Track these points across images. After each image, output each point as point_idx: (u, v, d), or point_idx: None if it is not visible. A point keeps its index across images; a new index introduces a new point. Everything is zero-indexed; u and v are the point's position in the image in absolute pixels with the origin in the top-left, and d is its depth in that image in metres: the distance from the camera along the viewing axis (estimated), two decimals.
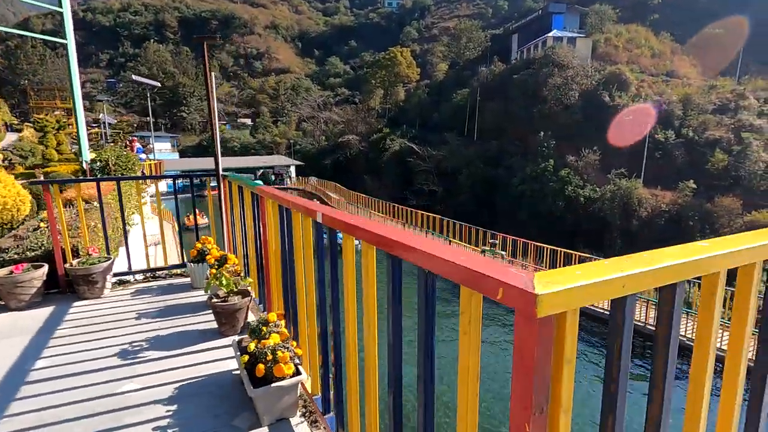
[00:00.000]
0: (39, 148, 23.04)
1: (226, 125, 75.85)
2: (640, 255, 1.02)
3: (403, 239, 1.33)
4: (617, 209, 33.74)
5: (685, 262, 1.00)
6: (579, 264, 0.98)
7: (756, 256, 1.16)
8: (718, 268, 1.10)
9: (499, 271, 0.92)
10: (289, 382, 2.06)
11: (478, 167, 43.41)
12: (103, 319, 3.38)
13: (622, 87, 39.52)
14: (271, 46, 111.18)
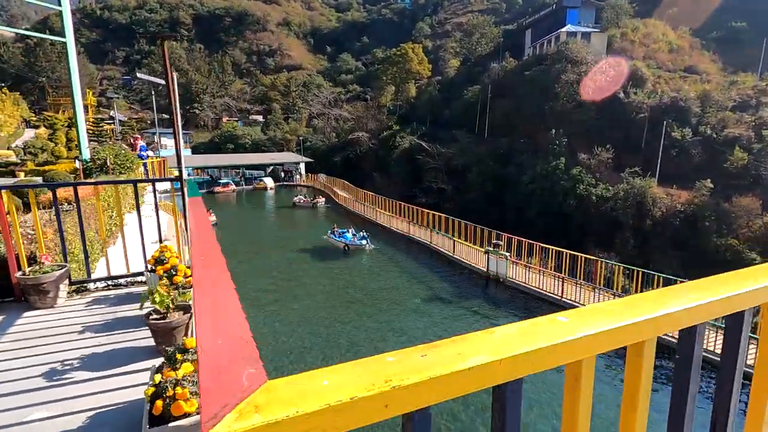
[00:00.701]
0: (50, 146, 23.43)
1: (238, 122, 76.36)
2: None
3: None
4: (630, 209, 32.91)
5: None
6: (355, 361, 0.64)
7: None
8: None
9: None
10: (189, 421, 1.87)
11: (488, 165, 42.82)
12: (43, 333, 3.25)
13: (638, 83, 38.49)
14: (284, 43, 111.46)
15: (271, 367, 12.07)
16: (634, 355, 0.87)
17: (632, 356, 0.87)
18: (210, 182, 50.39)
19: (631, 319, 0.80)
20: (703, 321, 0.91)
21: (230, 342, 0.75)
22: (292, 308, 16.20)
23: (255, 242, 27.02)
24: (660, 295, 0.90)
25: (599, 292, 13.79)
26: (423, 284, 18.36)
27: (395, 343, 13.37)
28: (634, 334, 0.81)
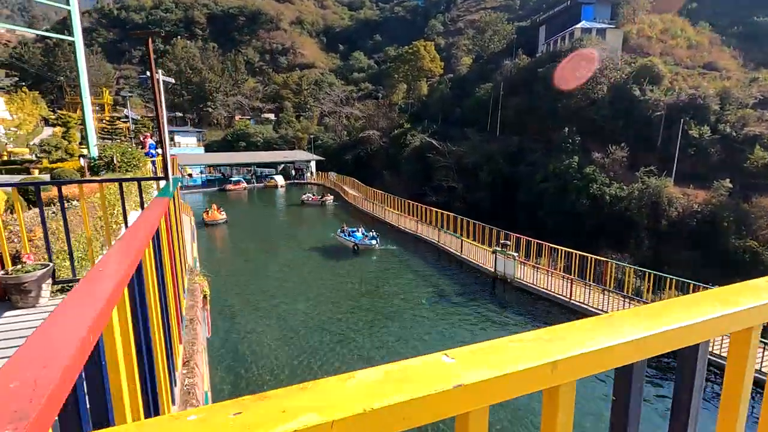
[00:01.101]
0: (64, 143, 23.87)
1: (250, 120, 76.95)
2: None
3: None
4: (645, 209, 32.21)
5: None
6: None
7: None
8: None
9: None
10: None
11: (498, 163, 42.36)
12: (23, 333, 3.23)
13: (654, 80, 37.59)
14: (296, 42, 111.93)
15: (276, 370, 12.08)
16: (550, 401, 0.70)
17: (548, 401, 0.71)
18: (222, 180, 50.86)
19: (534, 362, 0.63)
20: (642, 358, 0.76)
21: (23, 384, 0.60)
22: (296, 308, 16.21)
23: (264, 240, 27.15)
24: (588, 328, 0.75)
25: (609, 295, 13.45)
26: (431, 285, 18.20)
27: (395, 347, 13.29)
28: (538, 380, 0.64)
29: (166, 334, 1.95)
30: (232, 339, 13.67)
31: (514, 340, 0.71)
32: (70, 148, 21.30)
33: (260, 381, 11.31)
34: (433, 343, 13.11)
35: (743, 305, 0.82)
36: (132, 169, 12.35)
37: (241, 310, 15.97)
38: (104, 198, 4.37)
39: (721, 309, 0.81)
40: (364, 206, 34.08)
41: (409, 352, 12.78)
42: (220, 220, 30.11)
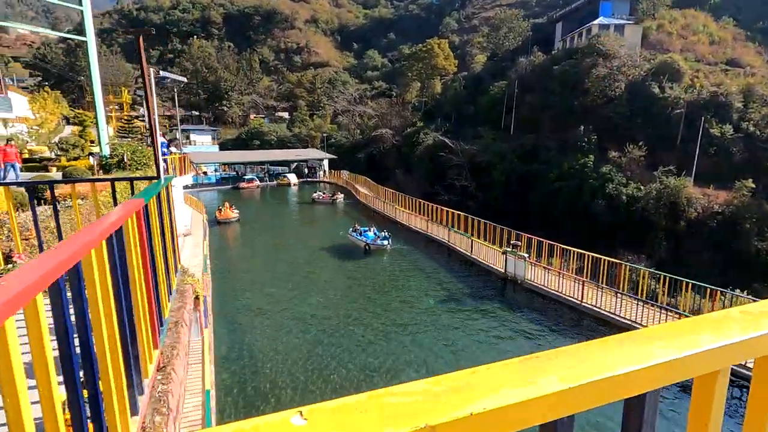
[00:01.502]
0: (81, 142, 24.40)
1: (264, 119, 77.56)
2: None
3: None
4: (663, 209, 31.42)
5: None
6: None
7: None
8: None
9: None
10: None
11: (512, 162, 41.82)
12: None
13: (674, 77, 36.61)
14: (311, 40, 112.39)
15: (281, 368, 12.09)
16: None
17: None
18: (236, 178, 51.39)
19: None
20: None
21: None
22: (303, 307, 16.23)
23: (275, 238, 27.28)
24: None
25: (622, 298, 13.09)
26: (440, 286, 18.02)
27: (402, 354, 13.18)
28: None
29: (125, 340, 1.88)
30: (239, 335, 13.75)
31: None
32: (87, 147, 21.74)
33: (265, 378, 11.33)
34: (439, 349, 12.97)
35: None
36: (142, 168, 12.50)
37: (249, 307, 16.07)
38: (114, 196, 4.35)
39: (745, 332, 0.69)
40: (375, 205, 34.02)
41: (415, 355, 12.67)
42: (233, 218, 30.35)
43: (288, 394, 10.67)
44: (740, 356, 0.68)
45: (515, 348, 12.85)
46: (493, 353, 12.49)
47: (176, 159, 19.00)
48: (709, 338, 0.67)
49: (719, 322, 0.73)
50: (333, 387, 10.91)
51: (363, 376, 11.25)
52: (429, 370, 11.73)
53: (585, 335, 13.29)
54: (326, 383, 11.05)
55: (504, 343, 13.26)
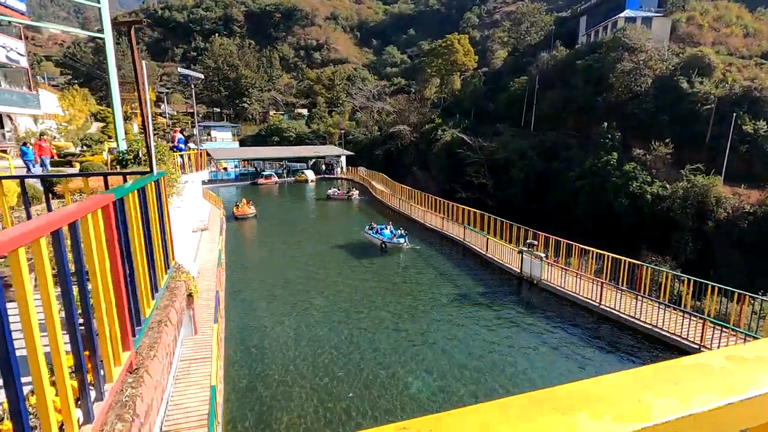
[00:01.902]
0: (104, 138, 25.00)
1: (284, 115, 78.17)
2: None
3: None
4: (690, 209, 30.25)
5: None
6: None
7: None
8: None
9: None
10: None
11: (532, 159, 40.98)
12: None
13: (705, 71, 35.14)
14: (330, 37, 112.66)
15: (291, 363, 12.07)
16: None
17: None
18: (254, 174, 51.94)
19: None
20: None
21: None
22: (314, 303, 16.21)
23: (290, 234, 27.36)
24: None
25: (642, 300, 12.55)
26: (454, 285, 17.72)
27: (415, 356, 13.00)
28: None
29: (75, 344, 1.77)
30: (250, 330, 13.81)
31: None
32: (105, 143, 22.27)
33: (276, 374, 11.33)
34: (452, 350, 12.73)
35: None
36: (157, 163, 12.62)
37: (260, 302, 16.13)
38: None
39: None
40: (391, 202, 33.83)
41: (428, 357, 12.47)
42: (250, 214, 30.56)
43: (297, 385, 10.66)
44: None
45: (530, 353, 12.50)
46: (510, 358, 12.19)
47: (192, 155, 19.25)
48: None
49: None
50: (340, 393, 10.84)
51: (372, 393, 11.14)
52: (442, 376, 11.53)
53: (605, 339, 12.84)
54: (332, 393, 10.99)
55: (519, 348, 12.92)
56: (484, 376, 11.16)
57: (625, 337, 12.47)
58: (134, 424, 2.17)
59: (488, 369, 11.51)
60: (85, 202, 2.02)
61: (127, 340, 2.47)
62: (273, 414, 9.78)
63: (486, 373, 11.33)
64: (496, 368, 11.56)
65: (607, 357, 11.89)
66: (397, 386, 10.78)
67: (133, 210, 2.86)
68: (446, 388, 10.73)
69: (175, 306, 3.59)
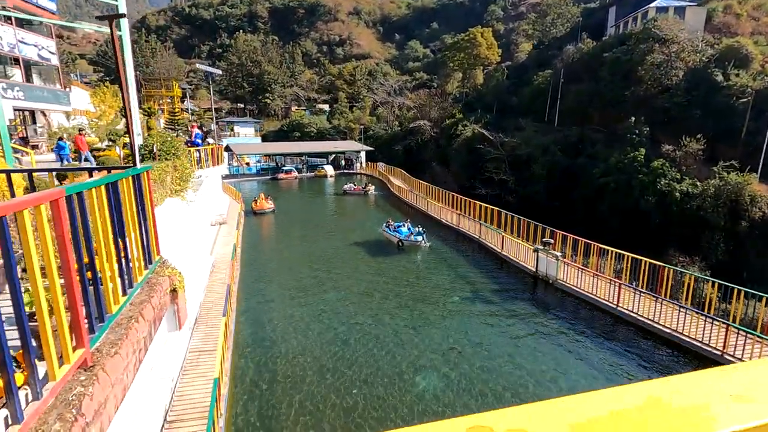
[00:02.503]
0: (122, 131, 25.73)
1: (305, 111, 78.75)
2: None
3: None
4: (722, 208, 28.85)
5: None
6: None
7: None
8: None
9: None
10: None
11: (555, 155, 39.93)
12: None
13: (742, 63, 33.37)
14: (353, 32, 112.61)
15: (299, 358, 12.13)
16: None
17: None
18: (275, 169, 52.57)
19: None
20: None
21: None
22: (325, 297, 16.24)
23: (307, 230, 27.49)
24: None
25: (662, 303, 11.99)
26: (467, 283, 17.40)
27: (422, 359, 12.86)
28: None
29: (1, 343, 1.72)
30: (261, 323, 13.95)
31: None
32: (122, 138, 22.83)
33: (283, 367, 11.41)
34: (467, 351, 12.52)
35: None
36: (171, 158, 12.85)
37: (273, 296, 16.29)
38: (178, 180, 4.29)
39: None
40: (408, 198, 33.59)
41: (436, 355, 12.31)
42: (268, 209, 30.77)
43: (306, 376, 10.71)
44: None
45: (539, 356, 12.17)
46: (518, 360, 11.90)
47: (209, 150, 19.58)
48: None
49: None
50: (346, 383, 10.82)
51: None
52: (449, 376, 11.36)
53: (621, 341, 12.36)
54: (340, 387, 10.99)
55: (527, 350, 12.60)
56: (490, 377, 10.92)
57: (641, 341, 11.96)
58: (77, 424, 2.13)
59: (494, 370, 11.27)
60: (27, 197, 1.98)
61: (81, 337, 2.43)
62: (278, 407, 9.84)
63: (492, 373, 11.09)
64: (500, 370, 11.30)
65: (621, 360, 11.45)
66: (403, 383, 10.69)
67: (98, 205, 2.83)
68: (453, 387, 10.57)
69: (152, 302, 3.57)
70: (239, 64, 79.73)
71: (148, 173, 4.15)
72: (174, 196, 12.66)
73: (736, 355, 9.77)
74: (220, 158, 21.88)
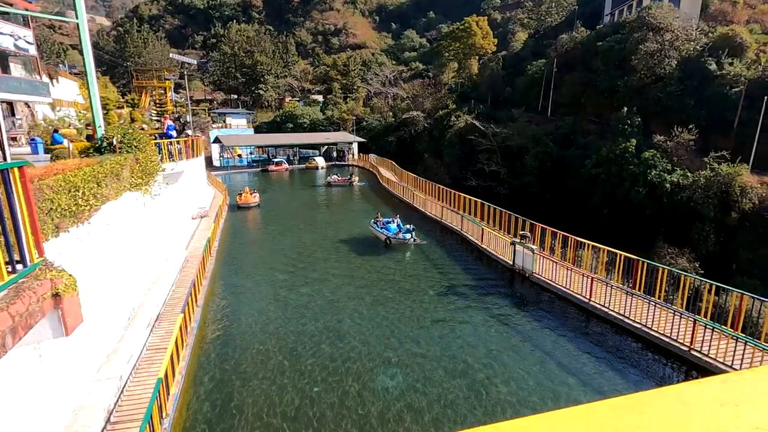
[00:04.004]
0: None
1: (299, 102, 77.96)
2: None
3: None
4: (712, 199, 28.50)
5: None
6: None
7: None
8: None
9: None
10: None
11: (547, 146, 39.49)
12: None
13: (735, 52, 32.79)
14: (349, 22, 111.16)
15: (267, 359, 11.90)
16: None
17: None
18: (266, 161, 52.08)
19: None
20: None
21: None
22: (300, 291, 15.99)
23: (289, 224, 26.88)
24: None
25: (634, 298, 11.72)
26: (444, 277, 17.12)
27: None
28: None
29: None
30: (228, 319, 13.71)
31: None
32: (84, 131, 22.37)
33: (245, 365, 11.19)
34: (428, 348, 12.28)
35: None
36: (133, 151, 12.50)
37: (244, 291, 16.03)
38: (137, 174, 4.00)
39: None
40: (395, 190, 33.21)
41: (403, 353, 12.08)
42: (253, 203, 29.67)
43: (267, 375, 10.49)
44: None
45: (504, 354, 11.92)
46: (484, 361, 11.65)
47: (188, 142, 19.16)
48: None
49: None
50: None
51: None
52: (416, 375, 11.13)
53: (593, 339, 12.10)
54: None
55: (496, 348, 12.35)
56: (451, 377, 10.67)
57: (613, 337, 11.70)
58: None
59: (458, 368, 11.03)
60: None
61: None
62: (234, 407, 9.62)
63: (455, 373, 10.84)
64: (465, 368, 11.04)
65: (590, 360, 11.19)
66: (368, 380, 10.47)
67: None
68: (418, 387, 10.33)
69: (10, 310, 3.28)
70: (232, 54, 78.75)
71: (23, 169, 3.83)
72: (135, 190, 12.34)
73: (703, 351, 9.52)
74: (198, 150, 21.49)
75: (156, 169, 13.81)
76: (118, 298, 10.23)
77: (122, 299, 10.53)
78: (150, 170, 13.10)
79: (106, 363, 9.16)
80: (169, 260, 15.32)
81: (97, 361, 8.91)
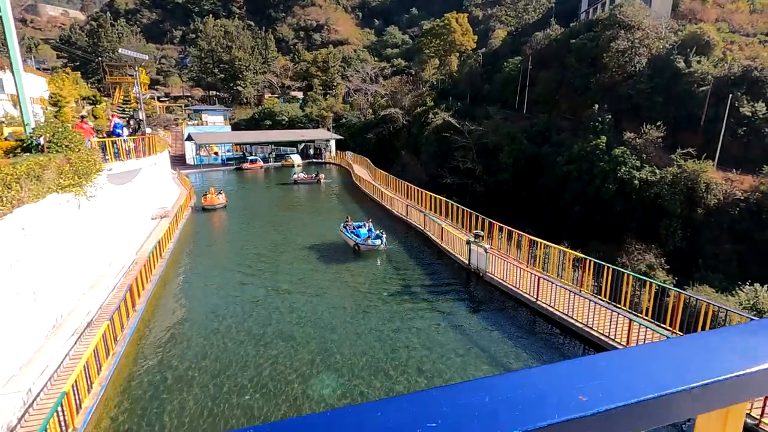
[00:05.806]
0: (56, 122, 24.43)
1: (279, 98, 76.97)
2: None
3: None
4: (679, 195, 28.84)
5: None
6: None
7: None
8: None
9: None
10: None
11: (522, 144, 39.57)
12: None
13: (703, 50, 33.13)
14: (331, 17, 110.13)
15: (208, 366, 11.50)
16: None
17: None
18: (241, 159, 51.20)
19: None
20: None
21: None
22: (256, 296, 15.60)
23: (252, 223, 26.12)
24: None
25: (574, 296, 11.61)
26: (400, 277, 16.86)
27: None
28: None
29: None
30: (167, 325, 13.25)
31: None
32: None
33: (176, 372, 10.78)
34: (374, 349, 12.02)
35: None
36: (63, 151, 11.95)
37: (192, 295, 15.57)
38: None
39: None
40: (366, 187, 32.84)
41: (345, 354, 11.81)
42: (219, 204, 28.20)
43: (200, 382, 10.11)
44: None
45: (452, 357, 11.73)
46: (434, 357, 11.44)
47: (146, 140, 18.53)
48: None
49: None
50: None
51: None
52: (355, 375, 10.85)
53: (540, 340, 11.98)
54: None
55: (444, 348, 12.14)
56: (395, 379, 10.45)
57: (557, 338, 11.59)
58: None
59: (401, 367, 10.81)
60: None
61: None
62: (158, 418, 9.23)
63: (399, 372, 10.62)
64: (409, 367, 10.83)
65: (534, 361, 11.06)
66: (303, 393, 10.16)
67: None
68: (358, 387, 10.07)
69: None
70: (209, 50, 77.31)
71: None
72: (65, 191, 11.79)
73: None
74: (154, 148, 20.84)
75: (94, 170, 13.24)
76: (37, 305, 9.72)
77: (43, 307, 10.02)
78: (85, 171, 12.54)
79: (16, 375, 8.68)
80: (113, 264, 14.76)
81: (5, 373, 8.42)
